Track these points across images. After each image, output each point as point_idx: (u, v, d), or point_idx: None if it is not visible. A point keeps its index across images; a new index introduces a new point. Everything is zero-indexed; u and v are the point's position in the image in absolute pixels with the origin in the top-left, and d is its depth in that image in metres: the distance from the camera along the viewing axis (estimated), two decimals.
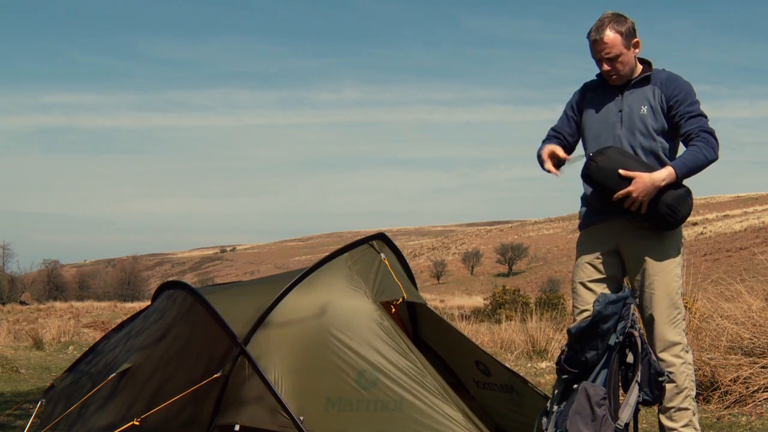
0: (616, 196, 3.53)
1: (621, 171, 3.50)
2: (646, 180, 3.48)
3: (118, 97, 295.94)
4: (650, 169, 3.54)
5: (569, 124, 3.90)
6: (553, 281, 64.16)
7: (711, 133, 3.56)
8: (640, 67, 3.74)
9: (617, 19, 3.64)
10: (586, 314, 3.61)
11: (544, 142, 3.91)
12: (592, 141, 3.76)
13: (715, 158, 3.55)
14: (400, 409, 3.54)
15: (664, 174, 3.50)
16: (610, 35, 3.61)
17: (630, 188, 3.49)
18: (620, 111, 3.69)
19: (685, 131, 3.60)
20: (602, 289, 3.68)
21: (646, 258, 3.65)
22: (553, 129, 3.95)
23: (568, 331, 3.53)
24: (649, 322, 3.67)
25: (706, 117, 3.62)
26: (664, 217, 3.56)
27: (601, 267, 3.73)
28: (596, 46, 3.66)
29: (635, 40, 3.67)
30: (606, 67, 3.66)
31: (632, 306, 3.52)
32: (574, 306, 3.79)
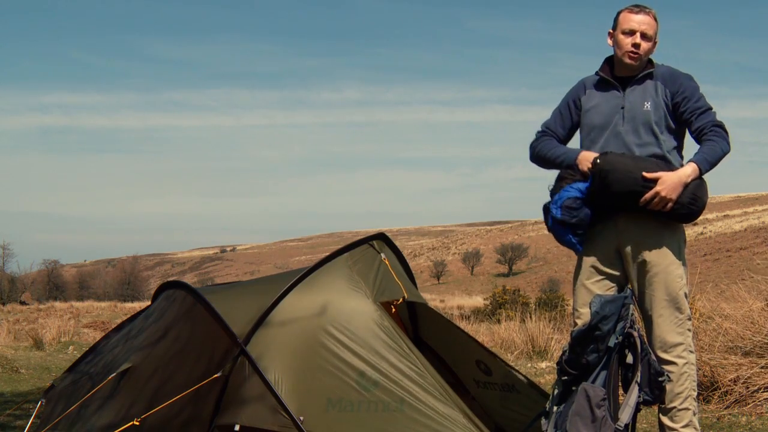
0: (644, 198, 3.45)
1: (645, 174, 3.43)
2: (674, 178, 3.44)
3: (118, 97, 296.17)
4: (659, 166, 3.49)
5: (562, 124, 3.83)
6: (553, 281, 64.13)
7: (722, 126, 3.58)
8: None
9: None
10: (585, 316, 3.60)
11: (542, 138, 3.84)
12: (592, 138, 3.71)
13: (729, 150, 3.56)
14: (400, 410, 3.54)
15: (689, 170, 3.48)
16: (653, 19, 3.64)
17: (657, 188, 3.43)
18: (622, 108, 3.66)
19: (697, 127, 3.60)
20: (604, 290, 3.64)
21: (646, 258, 3.60)
22: (545, 126, 3.88)
23: (571, 334, 3.52)
24: (649, 323, 3.64)
25: (713, 110, 3.63)
26: (687, 207, 3.49)
27: (602, 268, 3.69)
28: (639, 16, 3.63)
29: (657, 40, 3.70)
30: (637, 40, 3.60)
31: (631, 306, 3.51)
32: (574, 308, 3.75)
